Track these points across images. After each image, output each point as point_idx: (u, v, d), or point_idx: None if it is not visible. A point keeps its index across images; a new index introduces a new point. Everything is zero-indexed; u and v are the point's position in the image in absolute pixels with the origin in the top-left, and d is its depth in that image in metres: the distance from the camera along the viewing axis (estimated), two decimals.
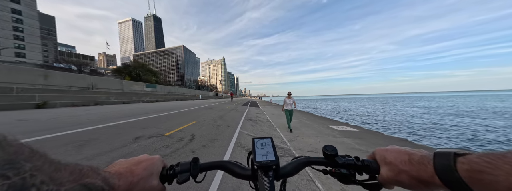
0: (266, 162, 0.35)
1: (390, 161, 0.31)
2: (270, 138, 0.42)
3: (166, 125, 5.52)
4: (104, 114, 7.36)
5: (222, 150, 3.43)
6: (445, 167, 0.24)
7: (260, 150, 0.39)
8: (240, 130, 5.43)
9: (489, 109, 18.79)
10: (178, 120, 6.61)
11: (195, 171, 0.37)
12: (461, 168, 0.23)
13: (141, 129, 4.73)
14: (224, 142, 3.94)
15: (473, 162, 0.22)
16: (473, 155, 0.23)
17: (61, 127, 4.47)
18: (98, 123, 5.18)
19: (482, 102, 31.76)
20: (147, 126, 5.19)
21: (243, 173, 0.39)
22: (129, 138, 3.77)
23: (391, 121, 11.86)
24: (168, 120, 6.62)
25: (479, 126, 9.55)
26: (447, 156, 0.25)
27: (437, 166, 0.25)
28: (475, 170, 0.21)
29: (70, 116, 6.65)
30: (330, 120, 11.36)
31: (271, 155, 0.37)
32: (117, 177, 0.27)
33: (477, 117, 13.34)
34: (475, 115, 14.17)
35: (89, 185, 0.21)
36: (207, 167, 0.40)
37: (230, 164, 0.40)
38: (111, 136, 3.80)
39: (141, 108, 11.12)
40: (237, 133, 5.01)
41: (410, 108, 22.50)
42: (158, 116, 7.49)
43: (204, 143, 3.74)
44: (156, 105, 13.88)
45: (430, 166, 0.26)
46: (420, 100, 53.79)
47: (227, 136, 4.58)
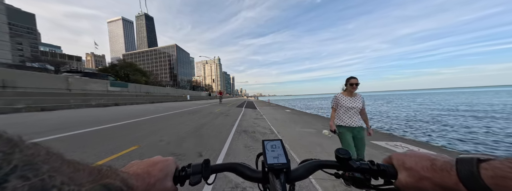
0: (278, 165, 0.35)
1: (411, 167, 0.30)
2: (280, 140, 0.41)
3: (76, 155, 2.39)
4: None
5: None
6: (469, 173, 0.23)
7: (271, 152, 0.38)
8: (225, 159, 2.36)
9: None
10: (111, 143, 3.52)
11: (207, 173, 0.37)
12: (485, 174, 0.22)
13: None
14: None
15: (496, 168, 0.21)
16: (496, 160, 0.22)
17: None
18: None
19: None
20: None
21: (253, 176, 0.38)
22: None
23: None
24: (91, 142, 3.52)
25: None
26: (470, 162, 0.24)
27: (460, 172, 0.24)
28: (499, 176, 0.20)
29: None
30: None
31: (282, 158, 0.36)
32: (135, 178, 0.28)
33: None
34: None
35: (109, 185, 0.21)
36: (218, 169, 0.39)
37: (241, 166, 0.40)
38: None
39: (82, 115, 7.72)
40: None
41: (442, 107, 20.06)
42: (83, 133, 4.35)
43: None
44: (117, 110, 10.32)
45: (453, 173, 0.25)
46: (418, 97, 52.42)
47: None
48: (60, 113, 8.26)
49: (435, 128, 8.37)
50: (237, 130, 5.52)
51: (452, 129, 8.19)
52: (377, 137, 5.21)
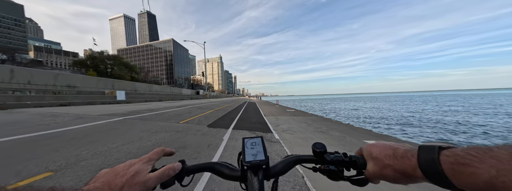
0: (256, 162, 0.34)
1: (376, 156, 0.32)
2: (260, 137, 0.41)
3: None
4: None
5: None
6: (429, 160, 0.25)
7: (250, 149, 0.38)
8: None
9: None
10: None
11: (181, 174, 0.35)
12: (445, 160, 0.23)
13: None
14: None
15: (457, 155, 0.22)
16: (457, 148, 0.24)
17: None
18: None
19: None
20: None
21: (232, 174, 0.37)
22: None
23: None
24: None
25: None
26: (432, 149, 0.25)
27: (420, 159, 0.26)
28: (459, 162, 0.22)
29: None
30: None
31: (261, 155, 0.36)
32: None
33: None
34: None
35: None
36: (194, 169, 0.38)
37: (219, 165, 0.39)
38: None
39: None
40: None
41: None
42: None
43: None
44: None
45: (414, 159, 0.26)
46: (432, 100, 43.54)
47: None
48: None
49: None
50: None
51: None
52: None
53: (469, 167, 0.20)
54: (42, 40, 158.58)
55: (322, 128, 6.21)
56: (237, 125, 5.92)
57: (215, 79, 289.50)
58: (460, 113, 15.24)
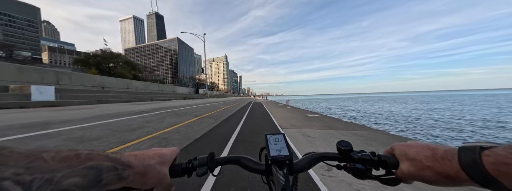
0: (281, 157, 0.36)
1: (413, 157, 0.30)
2: (282, 134, 0.42)
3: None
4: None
5: None
6: (471, 161, 0.23)
7: (274, 145, 0.39)
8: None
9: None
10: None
11: (212, 165, 0.38)
12: (487, 161, 0.22)
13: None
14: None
15: (499, 155, 0.21)
16: (499, 147, 0.22)
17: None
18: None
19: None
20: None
21: (257, 168, 0.39)
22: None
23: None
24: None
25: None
26: (472, 150, 0.24)
27: (462, 160, 0.24)
28: (501, 162, 0.20)
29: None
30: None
31: (285, 150, 0.37)
32: (132, 157, 0.27)
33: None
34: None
35: (98, 166, 0.19)
36: (223, 161, 0.41)
37: (245, 159, 0.41)
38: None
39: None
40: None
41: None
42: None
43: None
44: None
45: (455, 161, 0.25)
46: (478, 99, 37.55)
47: None
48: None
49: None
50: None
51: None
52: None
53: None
54: (58, 42, 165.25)
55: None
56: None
57: (221, 78, 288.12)
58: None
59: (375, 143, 4.16)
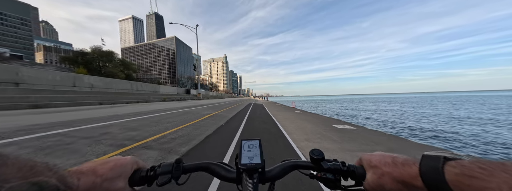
0: (251, 165, 0.34)
1: (375, 164, 0.31)
2: (258, 140, 0.40)
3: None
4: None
5: None
6: (432, 169, 0.24)
7: (247, 152, 0.37)
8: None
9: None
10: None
11: (177, 172, 0.36)
12: (450, 171, 0.22)
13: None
14: None
15: (464, 167, 0.21)
16: (464, 160, 0.23)
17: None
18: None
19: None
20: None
21: (228, 176, 0.37)
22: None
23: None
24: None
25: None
26: (436, 159, 0.24)
27: (423, 167, 0.25)
28: (465, 174, 0.21)
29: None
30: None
31: (257, 158, 0.36)
32: (76, 176, 0.25)
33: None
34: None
35: (41, 183, 0.18)
36: (190, 168, 0.38)
37: (216, 166, 0.39)
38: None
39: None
40: None
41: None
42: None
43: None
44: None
45: (415, 168, 0.26)
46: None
47: None
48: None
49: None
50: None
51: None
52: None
53: (477, 180, 0.19)
54: (56, 41, 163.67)
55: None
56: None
57: (220, 79, 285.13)
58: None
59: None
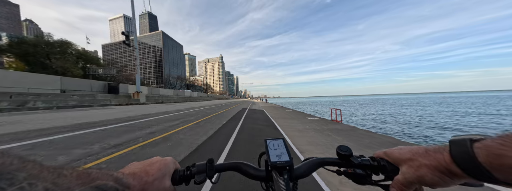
0: (281, 163, 0.35)
1: (409, 157, 0.30)
2: (282, 139, 0.41)
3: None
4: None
5: None
6: (463, 154, 0.23)
7: (274, 150, 0.38)
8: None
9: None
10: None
11: (211, 172, 0.37)
12: (479, 153, 0.21)
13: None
14: None
15: (489, 147, 0.21)
16: (488, 139, 0.22)
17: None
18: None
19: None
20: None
21: (257, 174, 0.38)
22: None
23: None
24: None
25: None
26: (463, 143, 0.23)
27: (454, 153, 0.24)
28: (493, 154, 0.20)
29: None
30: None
31: (285, 156, 0.36)
32: (131, 177, 0.28)
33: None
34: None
35: (102, 186, 0.20)
36: (222, 168, 0.40)
37: (244, 165, 0.40)
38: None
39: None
40: None
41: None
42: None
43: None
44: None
45: (447, 154, 0.25)
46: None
47: None
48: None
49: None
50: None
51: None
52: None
53: (507, 158, 0.19)
54: None
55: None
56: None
57: (216, 80, 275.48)
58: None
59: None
